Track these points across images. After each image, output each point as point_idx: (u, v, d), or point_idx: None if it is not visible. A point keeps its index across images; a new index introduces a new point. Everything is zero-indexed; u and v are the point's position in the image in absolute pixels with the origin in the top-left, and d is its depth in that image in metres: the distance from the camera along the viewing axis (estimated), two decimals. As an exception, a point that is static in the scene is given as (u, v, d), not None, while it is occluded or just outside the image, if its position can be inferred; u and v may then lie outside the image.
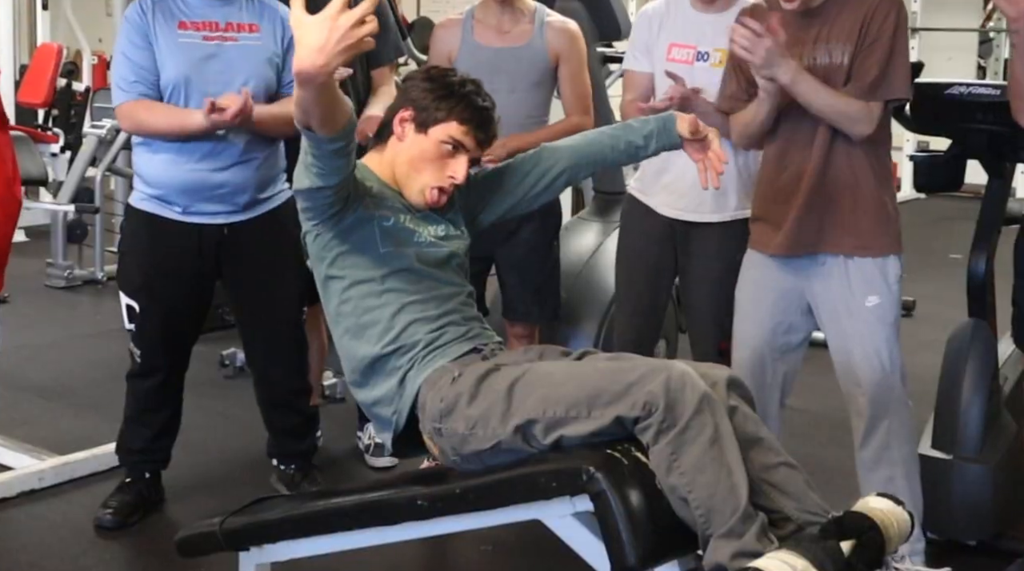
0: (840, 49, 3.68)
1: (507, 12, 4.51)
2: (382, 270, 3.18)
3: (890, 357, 3.79)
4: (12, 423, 5.21)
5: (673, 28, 4.26)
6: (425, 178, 3.24)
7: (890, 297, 3.79)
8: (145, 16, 4.11)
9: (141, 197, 4.27)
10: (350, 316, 3.21)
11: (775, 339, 3.91)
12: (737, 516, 2.66)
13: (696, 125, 3.37)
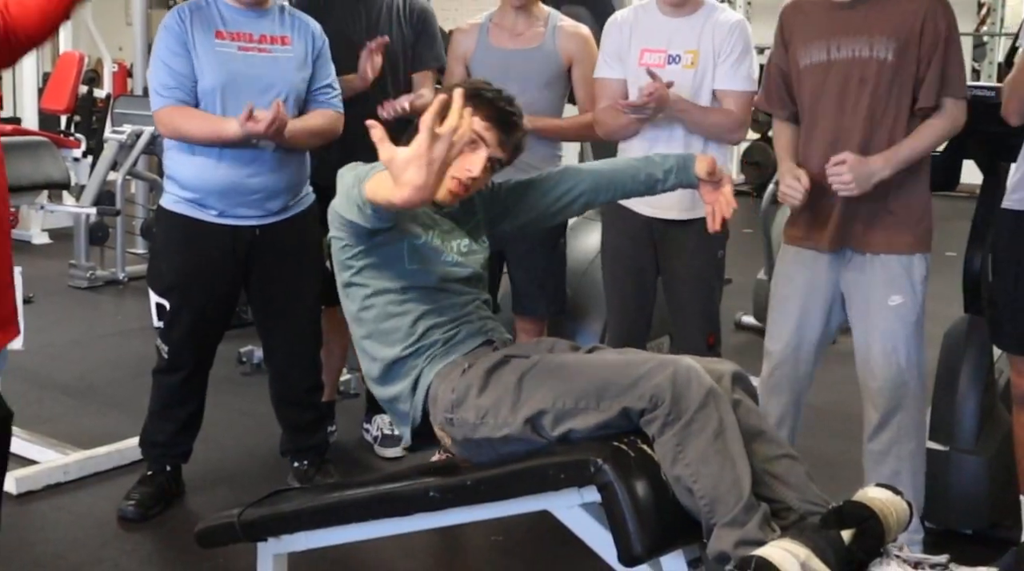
0: (883, 44, 3.69)
1: (522, 16, 4.53)
2: (406, 283, 3.18)
3: (907, 356, 3.79)
4: (37, 419, 5.22)
5: (644, 33, 4.25)
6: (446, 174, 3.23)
7: (913, 297, 3.79)
8: (184, 24, 4.13)
9: (175, 199, 4.27)
10: (371, 322, 3.21)
11: (809, 331, 3.93)
12: (740, 506, 2.66)
13: (713, 167, 3.39)
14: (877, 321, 3.80)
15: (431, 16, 4.84)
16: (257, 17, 4.22)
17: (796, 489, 2.84)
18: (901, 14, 3.69)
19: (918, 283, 3.80)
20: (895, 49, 3.67)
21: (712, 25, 4.17)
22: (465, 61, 4.58)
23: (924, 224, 3.82)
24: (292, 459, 4.66)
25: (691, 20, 4.19)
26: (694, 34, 4.16)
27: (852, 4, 3.75)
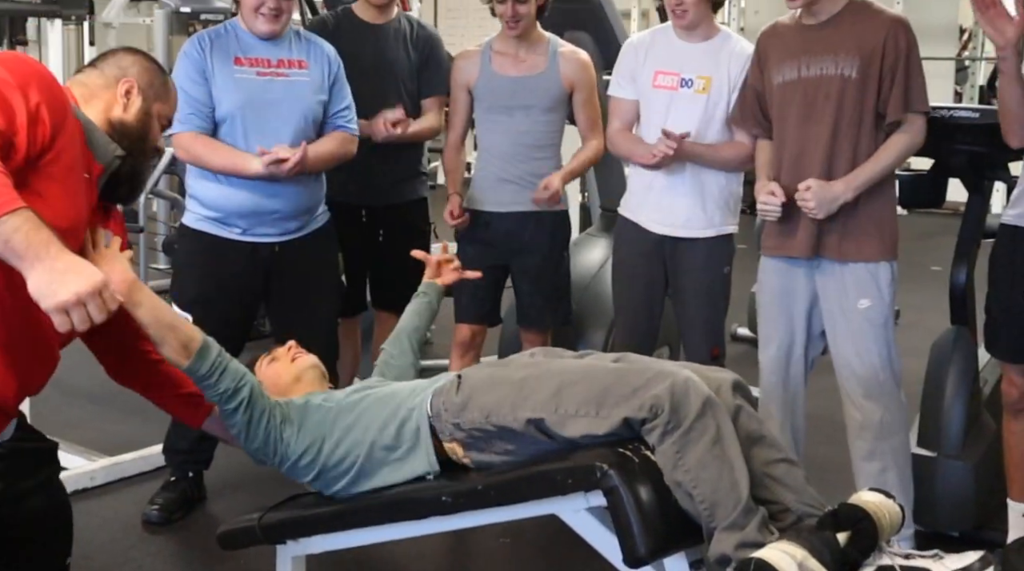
0: (849, 63, 3.73)
1: (523, 43, 4.52)
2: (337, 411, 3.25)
3: (879, 355, 3.82)
4: (65, 426, 5.20)
5: (658, 56, 4.25)
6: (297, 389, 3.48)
7: (881, 301, 3.82)
8: (203, 52, 4.14)
9: (197, 218, 4.29)
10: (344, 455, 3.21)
11: (796, 333, 3.96)
12: (740, 510, 2.66)
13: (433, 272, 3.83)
14: (848, 324, 3.85)
15: (438, 42, 4.85)
16: (274, 43, 4.23)
17: (794, 492, 2.85)
18: (864, 33, 3.74)
19: (885, 287, 3.84)
20: (859, 66, 3.72)
21: (728, 54, 4.16)
22: (469, 88, 4.57)
23: (890, 233, 3.86)
24: (308, 465, 4.64)
25: (706, 46, 4.18)
26: (709, 60, 4.15)
27: (821, 25, 3.79)
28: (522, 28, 4.45)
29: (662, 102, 4.20)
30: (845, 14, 3.78)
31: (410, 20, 4.84)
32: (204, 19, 7.86)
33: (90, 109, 2.65)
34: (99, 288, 2.21)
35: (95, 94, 2.71)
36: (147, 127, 2.77)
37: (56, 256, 2.19)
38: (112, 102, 2.72)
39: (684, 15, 4.13)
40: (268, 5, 4.11)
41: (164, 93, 2.85)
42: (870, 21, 3.75)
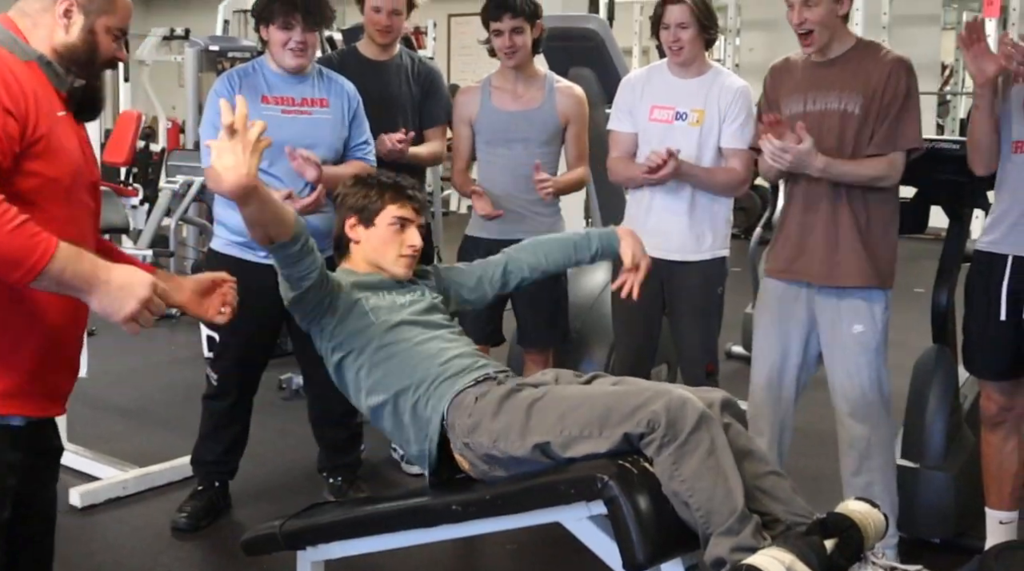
0: (852, 99, 3.73)
1: (521, 79, 4.53)
2: (381, 331, 3.24)
3: (870, 378, 3.81)
4: (99, 439, 5.22)
5: (655, 92, 4.26)
6: (392, 254, 3.40)
7: (874, 326, 3.81)
8: (233, 90, 4.15)
9: (225, 242, 4.31)
10: (366, 378, 3.24)
11: (790, 356, 3.94)
12: (735, 516, 2.65)
13: (633, 258, 3.50)
14: (842, 348, 3.83)
15: (438, 76, 4.86)
16: (298, 82, 4.25)
17: (783, 502, 2.84)
18: (868, 72, 3.73)
19: (879, 314, 3.83)
20: (861, 103, 3.72)
21: (719, 88, 4.17)
22: (470, 122, 4.58)
23: (888, 264, 3.85)
24: (328, 476, 4.66)
25: (699, 82, 4.19)
26: (701, 95, 4.16)
27: (829, 63, 3.79)
28: (519, 59, 4.46)
29: (658, 134, 4.20)
30: (852, 54, 3.78)
31: (411, 56, 4.85)
32: (231, 56, 7.91)
33: (36, 39, 2.51)
34: (152, 289, 2.33)
35: (37, 21, 2.52)
36: (93, 45, 2.56)
37: (107, 279, 2.30)
38: (53, 26, 2.52)
39: (680, 52, 4.14)
40: (295, 39, 4.13)
41: (108, 5, 2.58)
42: (875, 61, 3.75)
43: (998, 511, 3.95)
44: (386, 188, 3.43)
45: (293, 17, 4.11)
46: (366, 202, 3.42)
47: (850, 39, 3.81)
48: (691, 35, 4.11)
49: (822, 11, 3.68)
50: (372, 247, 3.42)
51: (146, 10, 18.30)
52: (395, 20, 4.61)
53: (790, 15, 3.74)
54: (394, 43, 4.73)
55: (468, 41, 15.10)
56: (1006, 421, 3.88)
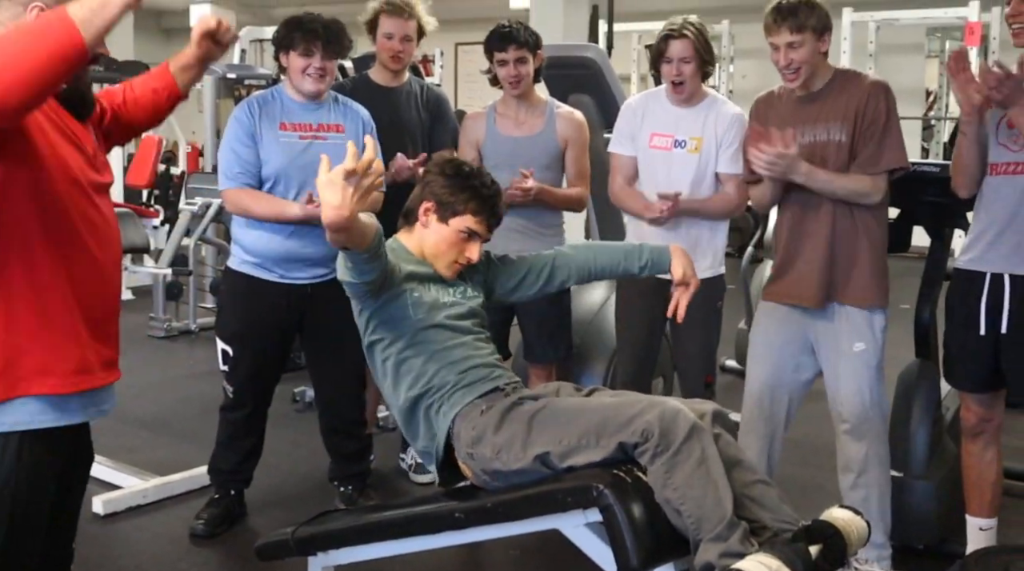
0: (838, 128, 3.72)
1: (523, 106, 4.54)
2: (415, 329, 3.21)
3: (871, 395, 3.79)
4: (120, 449, 5.23)
5: (654, 119, 4.27)
6: (448, 258, 3.30)
7: (874, 344, 3.80)
8: (252, 117, 4.19)
9: (240, 262, 4.33)
10: (391, 371, 3.24)
11: (783, 375, 3.92)
12: (724, 523, 2.67)
13: (683, 275, 3.42)
14: (844, 365, 3.80)
15: (446, 102, 4.88)
16: (315, 108, 4.27)
17: (770, 510, 2.85)
18: (849, 100, 3.73)
19: (878, 332, 3.81)
20: (848, 131, 3.72)
21: (715, 116, 4.18)
22: (477, 146, 4.59)
23: (883, 283, 3.83)
24: (338, 484, 4.66)
25: (696, 110, 4.19)
26: (699, 123, 4.17)
27: (812, 97, 3.78)
28: (523, 87, 4.47)
29: (660, 161, 4.22)
30: (833, 85, 3.77)
31: (420, 83, 4.87)
32: (248, 84, 7.93)
33: None
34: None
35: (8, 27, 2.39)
36: None
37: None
38: None
39: (682, 87, 4.16)
40: (314, 66, 4.16)
41: None
42: (855, 88, 3.74)
43: (978, 518, 3.95)
44: (476, 196, 3.29)
45: (314, 44, 4.14)
46: (452, 200, 3.28)
47: (829, 71, 3.80)
48: (692, 69, 4.13)
49: (806, 52, 3.68)
50: (434, 242, 3.30)
51: (166, 40, 18.36)
52: (406, 46, 4.64)
53: (775, 56, 3.73)
54: (404, 70, 4.76)
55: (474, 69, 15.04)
56: (985, 432, 3.88)
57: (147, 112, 3.02)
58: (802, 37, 3.66)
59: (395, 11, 4.61)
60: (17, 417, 2.43)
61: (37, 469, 2.48)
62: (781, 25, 3.67)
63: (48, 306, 2.44)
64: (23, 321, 2.41)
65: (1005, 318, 3.67)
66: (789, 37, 3.66)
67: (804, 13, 3.66)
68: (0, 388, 2.41)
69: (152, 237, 8.39)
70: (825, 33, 3.73)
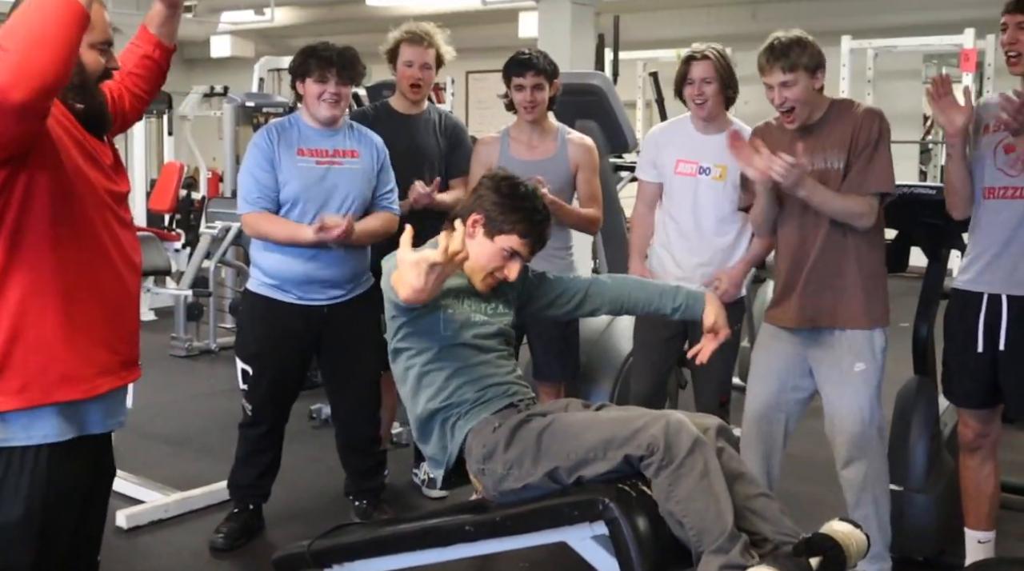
0: (835, 157, 3.71)
1: (536, 131, 4.54)
2: (442, 345, 3.18)
3: (871, 413, 3.76)
4: (143, 465, 5.24)
5: (680, 146, 4.28)
6: (484, 273, 3.22)
7: (874, 364, 3.77)
8: (271, 143, 4.21)
9: (259, 284, 4.34)
10: (413, 380, 3.22)
11: (781, 396, 3.90)
12: (725, 536, 2.66)
13: (715, 323, 3.35)
14: (844, 385, 3.77)
15: (463, 131, 4.89)
16: (331, 134, 4.29)
17: (771, 523, 2.84)
18: (843, 128, 3.71)
19: (879, 352, 3.79)
20: (843, 158, 3.70)
21: None
22: (489, 169, 4.59)
23: (883, 303, 3.82)
24: (354, 499, 4.66)
25: (721, 137, 4.10)
26: (723, 150, 4.06)
27: (809, 128, 3.75)
28: (538, 113, 4.48)
29: (688, 188, 4.23)
30: (830, 115, 3.75)
31: (439, 111, 4.89)
32: (266, 111, 7.97)
33: None
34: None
35: None
36: (80, 65, 2.42)
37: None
38: None
39: (704, 106, 4.18)
40: (329, 91, 4.18)
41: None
42: (849, 117, 3.73)
43: (976, 531, 3.93)
44: (526, 219, 3.21)
45: (328, 71, 4.17)
46: (501, 218, 3.20)
47: (825, 103, 3.77)
48: (714, 90, 4.16)
49: (799, 90, 3.65)
50: (475, 254, 3.16)
51: (188, 70, 18.46)
52: (426, 74, 4.67)
53: (770, 95, 3.71)
54: (424, 98, 4.78)
55: (484, 96, 15.18)
56: (983, 447, 3.87)
57: (151, 77, 3.00)
58: (795, 76, 3.64)
59: (415, 40, 4.64)
60: (45, 431, 2.44)
61: (65, 482, 2.48)
62: (774, 65, 3.66)
63: (76, 312, 2.45)
64: (53, 327, 2.42)
65: (1003, 336, 3.67)
66: (782, 76, 3.64)
67: (796, 52, 3.64)
68: (35, 395, 2.41)
69: (174, 260, 8.44)
70: (818, 71, 3.70)
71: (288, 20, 15.25)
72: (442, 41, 4.70)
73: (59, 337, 2.43)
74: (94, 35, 2.47)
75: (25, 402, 2.40)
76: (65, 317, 2.44)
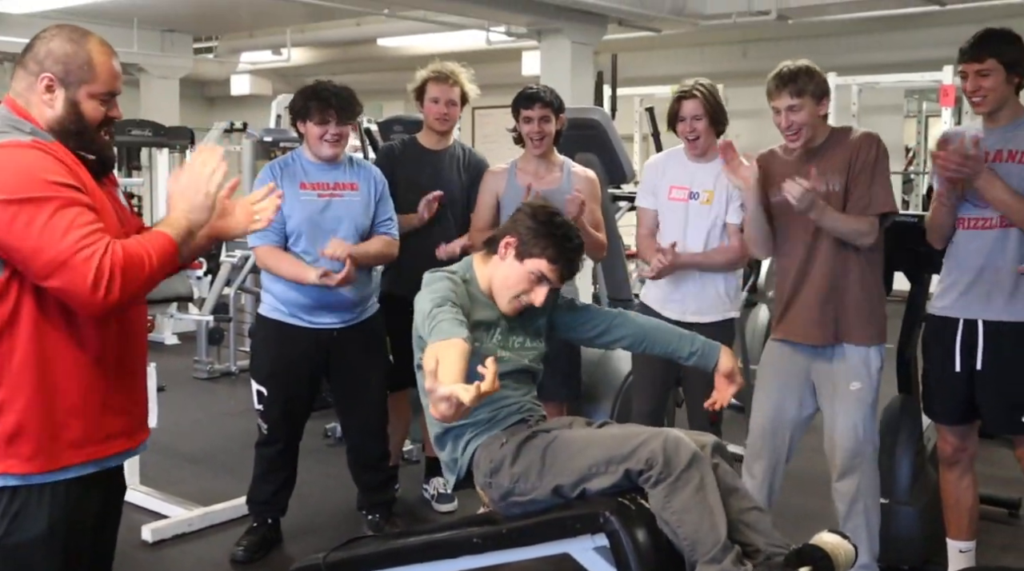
0: (836, 179, 3.73)
1: (542, 163, 4.55)
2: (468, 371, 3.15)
3: (864, 430, 3.78)
4: (167, 482, 5.23)
5: (673, 174, 4.31)
6: (510, 295, 3.18)
7: (870, 383, 3.79)
8: (275, 179, 4.22)
9: (271, 308, 4.36)
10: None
11: (786, 411, 3.90)
12: (718, 547, 2.66)
13: (731, 371, 3.33)
14: (840, 403, 3.79)
15: (485, 166, 4.88)
16: (331, 168, 4.32)
17: (763, 534, 2.84)
18: (843, 153, 3.74)
19: (874, 372, 3.80)
20: (842, 181, 3.72)
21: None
22: (497, 195, 4.60)
23: (881, 321, 3.83)
24: (366, 513, 4.66)
25: (710, 166, 4.22)
26: (711, 177, 4.19)
27: (811, 154, 3.77)
28: (545, 145, 4.49)
29: (679, 212, 4.25)
30: (830, 141, 3.78)
31: (464, 148, 4.91)
32: (283, 146, 7.97)
33: (37, 118, 2.38)
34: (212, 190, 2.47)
35: (29, 101, 2.39)
36: (79, 115, 2.40)
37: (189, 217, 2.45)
38: (40, 104, 2.38)
39: (696, 142, 4.22)
40: (331, 132, 4.21)
41: (88, 73, 2.39)
42: (847, 141, 3.76)
43: (958, 541, 3.93)
44: (556, 245, 3.16)
45: (328, 113, 4.20)
46: (534, 242, 3.16)
47: (827, 130, 3.81)
48: (704, 126, 4.19)
49: (805, 114, 3.69)
50: (504, 275, 3.18)
51: (210, 107, 18.51)
52: (451, 110, 4.71)
53: (777, 119, 3.75)
54: (450, 133, 4.80)
55: (490, 131, 15.23)
56: (961, 460, 3.88)
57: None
58: (801, 101, 3.68)
59: (440, 78, 4.69)
60: (65, 475, 2.40)
61: (82, 511, 2.45)
62: (782, 90, 3.70)
63: (87, 377, 2.41)
64: (69, 395, 2.37)
65: (979, 357, 3.68)
66: (790, 101, 3.69)
67: (803, 79, 3.69)
68: (44, 462, 2.36)
69: (196, 287, 8.41)
70: (823, 98, 3.75)
71: (303, 60, 15.30)
72: (467, 79, 4.75)
73: (76, 404, 2.38)
74: (96, 86, 2.41)
75: (36, 468, 2.35)
76: (82, 384, 2.40)
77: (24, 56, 2.41)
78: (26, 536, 2.35)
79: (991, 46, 3.58)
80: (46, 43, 2.40)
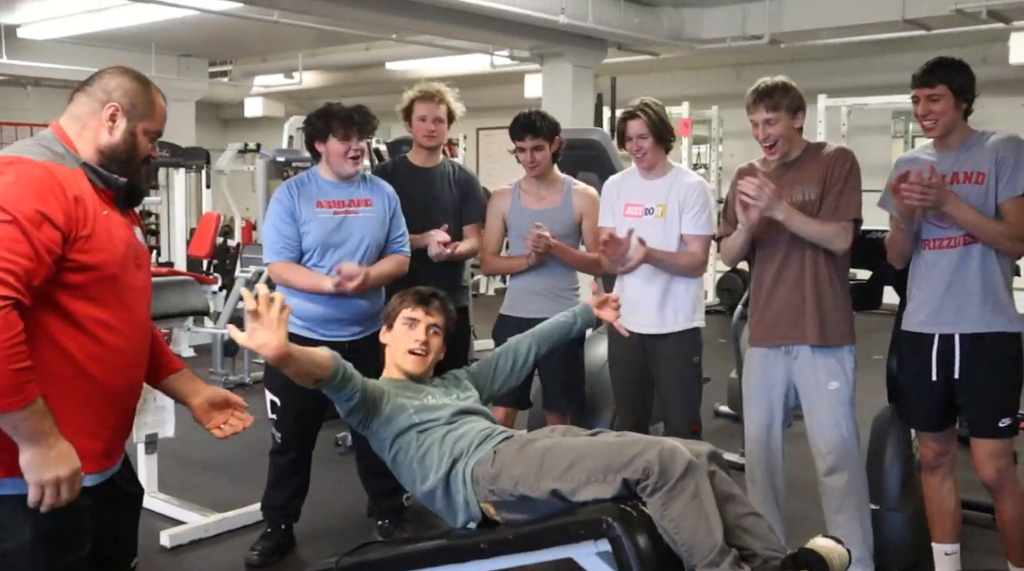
0: (811, 190, 3.81)
1: (544, 183, 4.58)
2: (423, 428, 3.25)
3: (847, 428, 3.83)
4: (184, 488, 5.23)
5: (629, 191, 4.35)
6: (402, 349, 3.43)
7: (847, 382, 3.85)
8: (292, 198, 4.25)
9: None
10: (416, 466, 3.23)
11: (775, 414, 3.95)
12: (715, 551, 2.66)
13: (597, 298, 3.71)
14: (821, 402, 3.85)
15: (476, 181, 4.91)
16: (347, 186, 4.32)
17: (760, 539, 2.84)
18: (818, 165, 3.83)
19: (849, 371, 3.87)
20: (817, 190, 3.80)
21: (678, 186, 4.25)
22: (503, 217, 4.64)
23: (850, 323, 3.90)
24: (376, 519, 4.66)
25: (662, 181, 4.27)
26: (663, 192, 4.24)
27: (787, 166, 3.87)
28: (540, 170, 4.52)
29: (637, 228, 4.25)
30: (805, 155, 3.87)
31: (453, 164, 4.92)
32: (295, 166, 7.99)
33: (83, 141, 2.46)
34: (75, 475, 2.28)
35: (85, 123, 2.48)
36: (133, 146, 2.50)
37: (52, 444, 2.24)
38: (99, 128, 2.47)
39: (644, 158, 4.26)
40: (353, 148, 4.24)
41: (149, 111, 2.53)
42: (822, 156, 3.85)
43: (942, 544, 3.93)
44: (407, 297, 3.50)
45: (351, 129, 4.21)
46: (389, 309, 3.52)
47: (803, 144, 3.90)
48: (650, 144, 4.22)
49: (781, 127, 3.80)
50: (392, 348, 3.47)
51: (224, 129, 18.55)
52: (438, 127, 4.70)
53: (755, 131, 3.84)
54: (438, 150, 4.80)
55: (494, 151, 15.26)
56: (942, 465, 3.89)
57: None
58: (777, 115, 3.79)
59: (427, 97, 4.68)
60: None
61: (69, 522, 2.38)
62: (759, 104, 3.80)
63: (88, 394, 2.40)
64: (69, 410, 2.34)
65: (957, 366, 3.70)
66: (766, 114, 3.79)
67: (779, 94, 3.79)
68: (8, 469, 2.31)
69: (211, 301, 8.45)
70: (798, 111, 3.84)
71: (314, 83, 15.34)
72: (452, 98, 4.74)
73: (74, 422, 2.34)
74: (151, 124, 2.53)
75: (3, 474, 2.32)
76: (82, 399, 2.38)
77: (90, 84, 2.50)
78: (10, 545, 2.32)
79: (941, 73, 3.66)
80: (116, 78, 2.51)
